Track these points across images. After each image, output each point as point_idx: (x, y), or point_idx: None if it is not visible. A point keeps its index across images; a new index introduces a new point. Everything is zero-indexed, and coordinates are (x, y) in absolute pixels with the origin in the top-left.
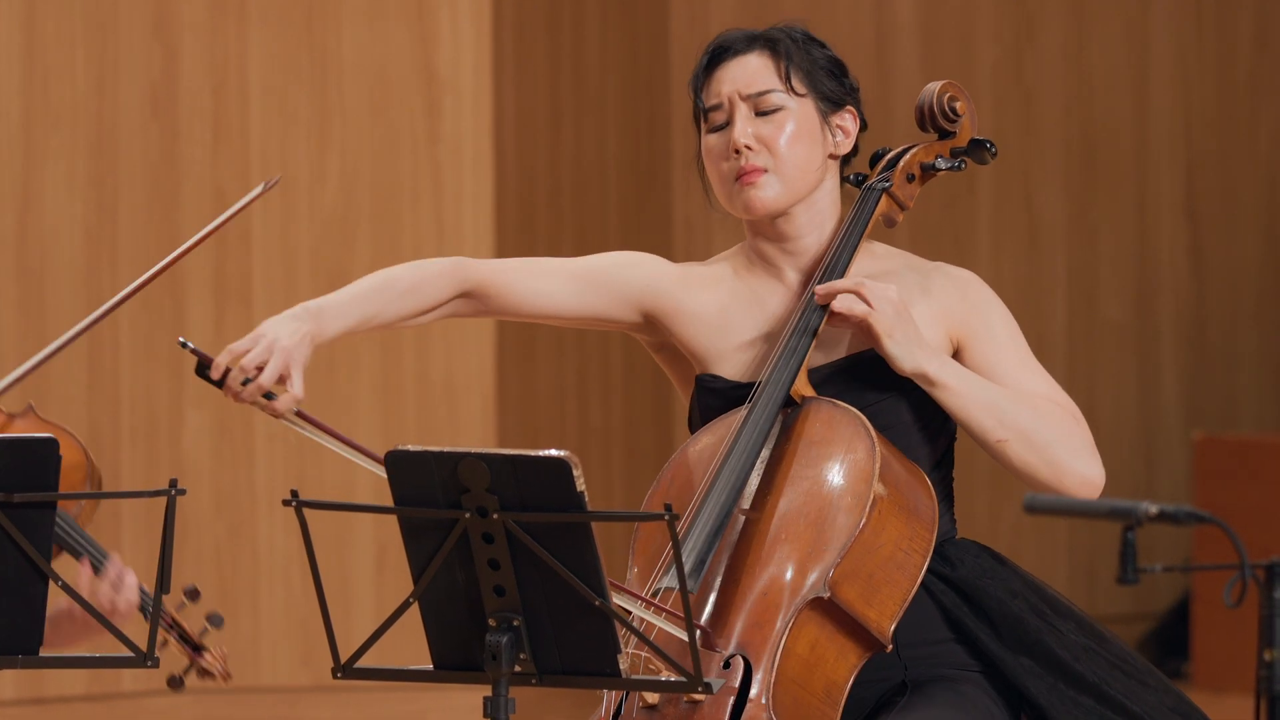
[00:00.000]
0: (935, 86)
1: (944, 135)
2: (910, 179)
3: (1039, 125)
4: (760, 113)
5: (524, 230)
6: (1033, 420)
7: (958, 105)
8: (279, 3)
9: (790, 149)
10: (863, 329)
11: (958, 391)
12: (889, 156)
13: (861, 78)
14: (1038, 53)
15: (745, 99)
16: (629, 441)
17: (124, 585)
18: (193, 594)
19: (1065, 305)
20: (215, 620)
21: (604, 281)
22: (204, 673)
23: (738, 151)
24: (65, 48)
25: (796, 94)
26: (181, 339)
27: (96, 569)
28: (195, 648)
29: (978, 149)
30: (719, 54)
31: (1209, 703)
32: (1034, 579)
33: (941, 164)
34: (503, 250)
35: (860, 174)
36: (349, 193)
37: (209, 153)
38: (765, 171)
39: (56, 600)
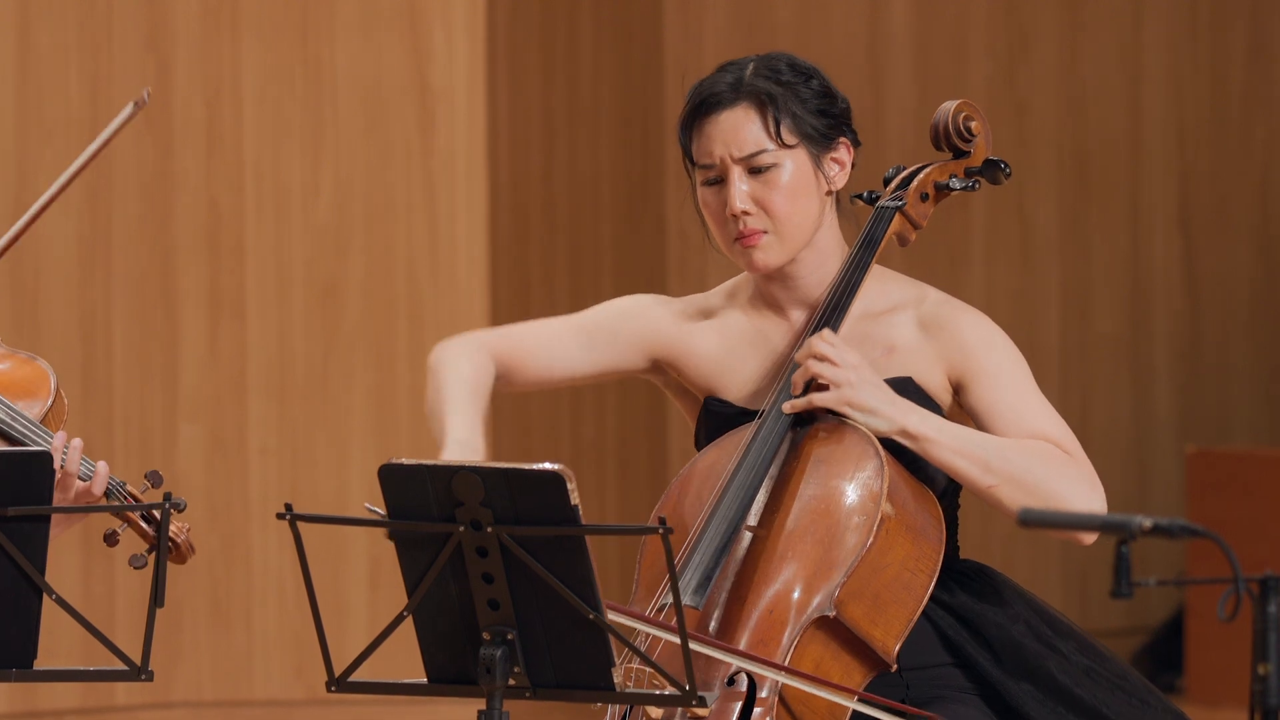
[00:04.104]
0: (951, 106)
1: (958, 154)
2: (924, 198)
3: (1032, 137)
4: (753, 170)
5: (518, 242)
6: (1022, 461)
7: (973, 125)
8: (273, 15)
9: (786, 208)
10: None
11: (938, 443)
12: (902, 175)
13: (854, 90)
14: (1031, 65)
15: (737, 161)
16: (622, 455)
17: (96, 473)
18: (155, 478)
19: (1058, 318)
20: (179, 504)
21: (611, 338)
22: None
23: (735, 216)
24: (59, 61)
25: (787, 146)
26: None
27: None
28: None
29: (992, 169)
30: (704, 106)
31: (1203, 717)
32: (1033, 597)
33: (956, 184)
34: (495, 261)
35: (873, 191)
36: (343, 205)
37: (202, 166)
38: (765, 233)
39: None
